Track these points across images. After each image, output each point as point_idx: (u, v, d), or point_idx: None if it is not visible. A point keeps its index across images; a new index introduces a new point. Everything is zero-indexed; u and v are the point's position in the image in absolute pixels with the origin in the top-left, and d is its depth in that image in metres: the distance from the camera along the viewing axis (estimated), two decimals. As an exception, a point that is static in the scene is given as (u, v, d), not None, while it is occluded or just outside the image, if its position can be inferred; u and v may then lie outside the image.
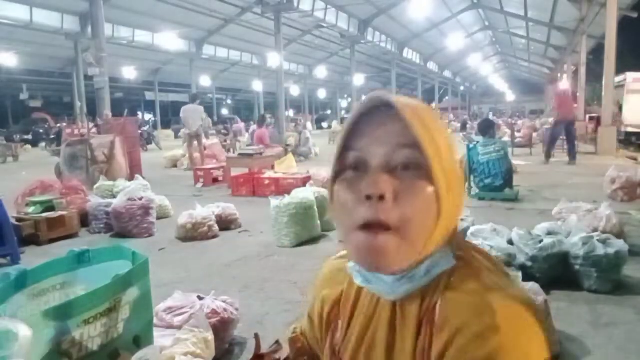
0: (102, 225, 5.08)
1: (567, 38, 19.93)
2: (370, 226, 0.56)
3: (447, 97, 48.87)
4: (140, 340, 1.70)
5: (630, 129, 11.76)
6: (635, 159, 9.94)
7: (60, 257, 1.82)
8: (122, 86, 28.92)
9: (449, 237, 0.61)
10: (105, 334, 1.46)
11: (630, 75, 12.10)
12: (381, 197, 0.55)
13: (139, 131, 13.38)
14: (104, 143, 8.16)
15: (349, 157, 0.61)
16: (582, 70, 16.67)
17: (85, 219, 5.19)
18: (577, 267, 3.01)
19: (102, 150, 8.03)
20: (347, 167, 0.61)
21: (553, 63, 28.62)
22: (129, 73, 25.12)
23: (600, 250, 2.97)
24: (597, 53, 17.10)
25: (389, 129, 0.58)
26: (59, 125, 18.79)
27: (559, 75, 25.25)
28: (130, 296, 1.59)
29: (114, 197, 5.56)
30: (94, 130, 9.55)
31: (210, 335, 1.97)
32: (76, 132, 11.77)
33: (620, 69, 11.97)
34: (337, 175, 0.62)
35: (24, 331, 1.20)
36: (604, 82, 11.51)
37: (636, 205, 5.47)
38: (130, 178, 7.35)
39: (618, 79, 11.99)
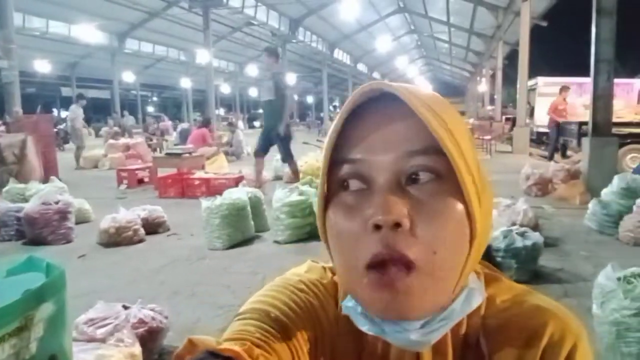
0: (12, 232, 4.64)
1: (485, 44, 21.23)
2: (384, 263, 0.42)
3: (376, 98, 50.20)
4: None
5: (541, 129, 12.77)
6: (545, 157, 10.80)
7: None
8: (34, 81, 26.71)
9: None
10: (14, 357, 1.30)
11: (541, 80, 13.12)
12: (396, 225, 0.41)
13: (55, 129, 12.45)
14: (14, 142, 7.46)
15: (342, 171, 0.46)
16: (499, 74, 17.85)
17: (-8, 226, 4.71)
18: (498, 259, 3.20)
19: (11, 150, 7.34)
20: (341, 184, 0.46)
21: (473, 67, 30.39)
22: (43, 67, 23.26)
23: (519, 242, 3.17)
24: (512, 58, 18.38)
25: (393, 130, 0.44)
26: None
27: (478, 78, 26.88)
28: (44, 312, 1.40)
29: (26, 201, 5.10)
30: (2, 128, 8.74)
31: (137, 349, 1.85)
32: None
33: (533, 73, 12.96)
34: (328, 195, 0.47)
35: None
36: (518, 86, 12.41)
37: (548, 199, 5.93)
38: (45, 180, 6.79)
39: (530, 82, 12.97)
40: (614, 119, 5.90)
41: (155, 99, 42.09)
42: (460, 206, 0.43)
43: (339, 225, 0.45)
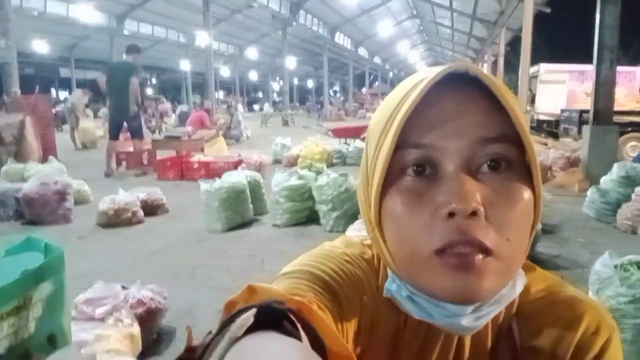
0: (11, 213, 4.65)
1: (488, 30, 21.01)
2: (461, 254, 0.41)
3: (377, 83, 49.91)
4: (56, 339, 1.53)
5: (542, 117, 12.71)
6: (546, 144, 10.78)
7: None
8: (33, 62, 26.45)
9: None
10: (13, 335, 1.30)
11: (543, 67, 13.02)
12: (473, 213, 0.40)
13: (53, 110, 12.37)
14: (12, 123, 7.42)
15: (407, 155, 0.44)
16: (501, 60, 17.69)
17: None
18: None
19: (10, 130, 7.31)
20: (405, 169, 0.44)
21: (475, 53, 30.14)
22: (41, 47, 23.00)
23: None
24: (514, 45, 18.22)
25: (467, 115, 0.43)
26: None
27: (480, 64, 26.67)
28: (43, 292, 1.41)
29: (25, 181, 5.09)
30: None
31: (135, 330, 1.86)
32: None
33: (535, 60, 12.86)
34: (386, 180, 0.45)
35: None
36: (519, 72, 12.31)
37: (547, 187, 5.93)
38: (44, 161, 6.79)
39: (532, 69, 12.86)
40: (615, 108, 5.86)
41: (154, 81, 41.80)
42: (529, 194, 0.43)
43: (402, 211, 0.43)
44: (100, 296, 2.21)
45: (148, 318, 2.23)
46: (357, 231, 2.82)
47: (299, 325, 0.35)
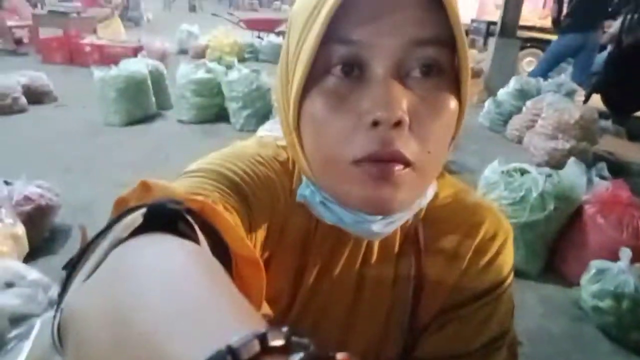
0: None
1: None
2: (376, 160, 0.39)
3: (293, -28, 46.80)
4: None
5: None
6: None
7: None
8: None
9: None
10: None
11: None
12: (398, 123, 0.37)
13: None
14: None
15: (334, 52, 0.39)
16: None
17: None
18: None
19: None
20: (330, 68, 0.39)
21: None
22: None
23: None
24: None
25: (402, 11, 0.37)
26: None
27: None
28: None
29: None
30: None
31: (19, 229, 1.70)
32: None
33: None
34: (308, 79, 0.40)
35: None
36: None
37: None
38: None
39: None
40: (520, 22, 6.10)
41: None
42: (455, 104, 0.41)
43: (323, 115, 0.40)
44: (-23, 192, 1.98)
45: (38, 215, 2.07)
46: (269, 131, 2.76)
47: (196, 227, 0.31)
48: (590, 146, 3.52)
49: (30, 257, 1.90)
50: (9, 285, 1.12)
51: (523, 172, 2.23)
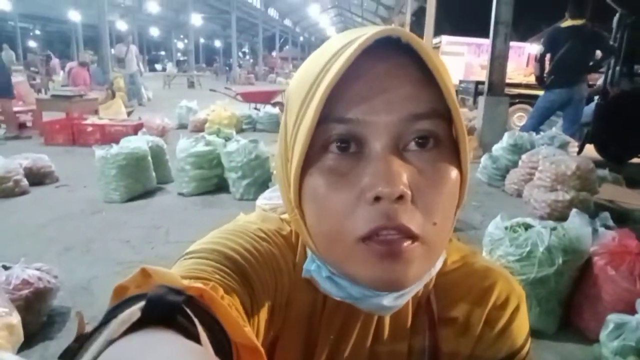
0: None
1: (395, -2, 21.51)
2: (385, 240, 0.38)
3: (287, 47, 49.21)
4: None
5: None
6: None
7: None
8: None
9: None
10: None
11: (445, 38, 13.66)
12: (400, 197, 0.37)
13: None
14: None
15: (331, 130, 0.39)
16: (406, 30, 18.30)
17: None
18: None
19: None
20: (327, 145, 0.40)
21: (382, 21, 30.77)
22: None
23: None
24: (419, 15, 18.83)
25: (397, 87, 0.38)
26: None
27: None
28: None
29: None
30: None
31: (14, 319, 1.64)
32: None
33: (437, 32, 13.44)
34: (307, 156, 0.40)
35: None
36: (423, 43, 12.80)
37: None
38: None
39: (435, 40, 13.47)
40: (506, 80, 6.33)
41: (38, 32, 37.24)
42: (456, 174, 0.41)
43: (324, 193, 0.39)
44: (-25, 279, 1.94)
45: (36, 299, 2.02)
46: (268, 199, 2.77)
47: (196, 321, 0.30)
48: (591, 196, 3.52)
49: (27, 345, 1.83)
50: (2, 379, 1.06)
51: (527, 226, 2.21)
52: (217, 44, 49.35)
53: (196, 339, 0.29)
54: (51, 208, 3.68)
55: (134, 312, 0.29)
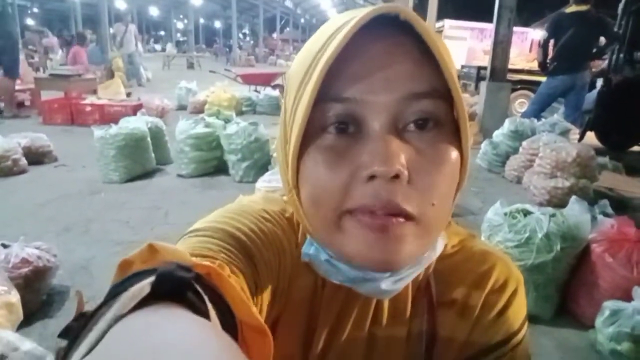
0: None
1: (398, -19, 21.19)
2: (375, 214, 0.38)
3: (288, 28, 48.66)
4: None
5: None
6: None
7: None
8: None
9: None
10: None
11: (447, 23, 13.51)
12: (395, 177, 0.37)
13: None
14: None
15: (329, 110, 0.39)
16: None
17: None
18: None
19: None
20: (326, 126, 0.39)
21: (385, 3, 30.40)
22: None
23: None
24: (422, -1, 18.62)
25: (396, 66, 0.38)
26: None
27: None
28: None
29: None
30: None
31: (13, 297, 1.65)
32: None
33: (440, 16, 13.28)
34: (306, 137, 0.40)
35: None
36: (426, 27, 12.64)
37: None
38: None
39: (438, 24, 13.32)
40: (509, 66, 6.28)
41: (36, 10, 36.71)
42: (456, 154, 0.40)
43: (320, 172, 0.39)
44: (-26, 257, 1.95)
45: (35, 278, 2.03)
46: (268, 182, 2.77)
47: (205, 298, 0.30)
48: (590, 183, 3.52)
49: (26, 323, 1.84)
50: (1, 358, 1.06)
51: (526, 212, 2.21)
52: (217, 24, 48.79)
53: (205, 316, 0.29)
54: (50, 187, 3.67)
55: (144, 287, 0.29)
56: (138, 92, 8.54)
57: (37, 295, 2.04)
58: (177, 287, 0.30)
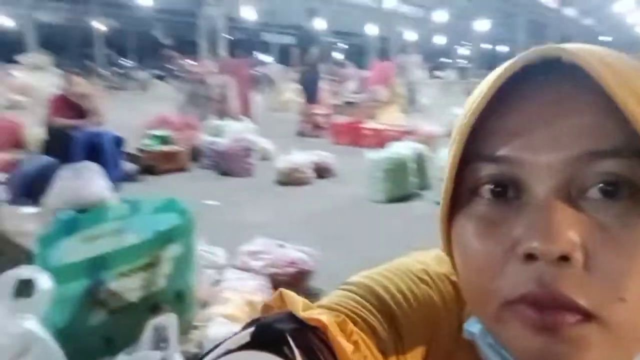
0: (210, 162, 5.42)
1: None
2: (540, 306, 0.30)
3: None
4: (184, 296, 1.73)
5: None
6: None
7: (113, 204, 1.91)
8: (239, 27, 29.83)
9: None
10: (145, 288, 1.53)
11: None
12: (563, 258, 0.29)
13: (255, 72, 13.85)
14: (219, 83, 8.56)
15: (480, 171, 0.33)
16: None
17: (196, 155, 5.59)
18: None
19: (217, 90, 8.45)
20: (478, 189, 0.34)
21: None
22: (248, 13, 25.77)
23: None
24: None
25: (565, 118, 0.30)
26: (183, 62, 20.15)
27: None
28: (171, 253, 1.60)
29: (220, 136, 5.87)
30: (213, 69, 10.00)
31: (256, 297, 2.00)
32: (197, 70, 12.51)
33: None
34: (457, 201, 0.35)
35: (44, 281, 1.28)
36: None
37: None
38: (240, 119, 7.69)
39: None
40: None
41: (344, 45, 43.30)
42: None
43: (470, 243, 0.33)
44: (259, 250, 2.45)
45: (298, 278, 2.39)
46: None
47: (296, 352, 0.30)
48: None
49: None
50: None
51: None
52: (503, 49, 47.18)
53: None
54: (324, 199, 4.30)
55: (244, 336, 0.32)
56: (414, 118, 9.04)
57: (296, 294, 2.41)
58: (274, 338, 0.31)
